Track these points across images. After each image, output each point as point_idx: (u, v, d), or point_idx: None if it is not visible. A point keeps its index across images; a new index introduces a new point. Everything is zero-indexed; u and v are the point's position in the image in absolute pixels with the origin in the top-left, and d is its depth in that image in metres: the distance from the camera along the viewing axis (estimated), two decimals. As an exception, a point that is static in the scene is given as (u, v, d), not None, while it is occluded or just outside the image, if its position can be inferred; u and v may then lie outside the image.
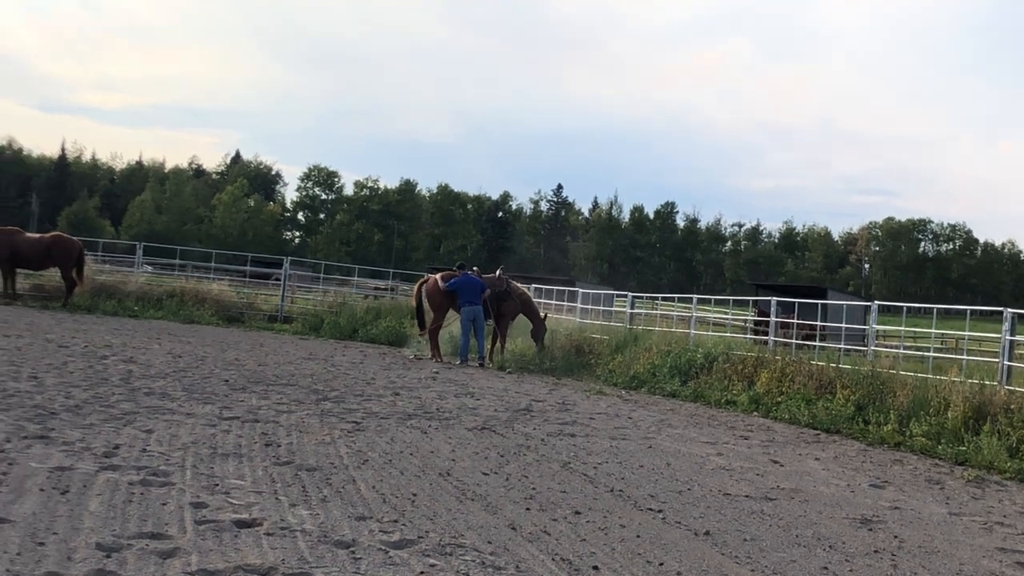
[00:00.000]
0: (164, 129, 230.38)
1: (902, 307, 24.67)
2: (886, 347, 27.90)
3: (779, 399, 18.01)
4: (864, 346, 21.78)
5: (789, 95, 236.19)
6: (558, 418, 15.13)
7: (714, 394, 19.37)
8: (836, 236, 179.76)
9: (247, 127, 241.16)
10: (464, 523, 7.93)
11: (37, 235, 31.42)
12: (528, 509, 8.68)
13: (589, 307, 30.97)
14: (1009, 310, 16.49)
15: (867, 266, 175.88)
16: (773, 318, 23.01)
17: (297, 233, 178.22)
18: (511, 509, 8.63)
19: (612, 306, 35.11)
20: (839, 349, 20.64)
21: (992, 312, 18.84)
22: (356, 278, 43.24)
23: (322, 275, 42.55)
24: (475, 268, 26.70)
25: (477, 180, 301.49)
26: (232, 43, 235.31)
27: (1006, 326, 16.34)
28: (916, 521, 9.64)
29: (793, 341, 22.16)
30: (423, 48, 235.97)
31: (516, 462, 10.97)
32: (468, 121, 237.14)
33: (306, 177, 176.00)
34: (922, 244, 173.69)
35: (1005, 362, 16.30)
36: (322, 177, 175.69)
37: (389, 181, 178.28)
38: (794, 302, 28.70)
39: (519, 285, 27.21)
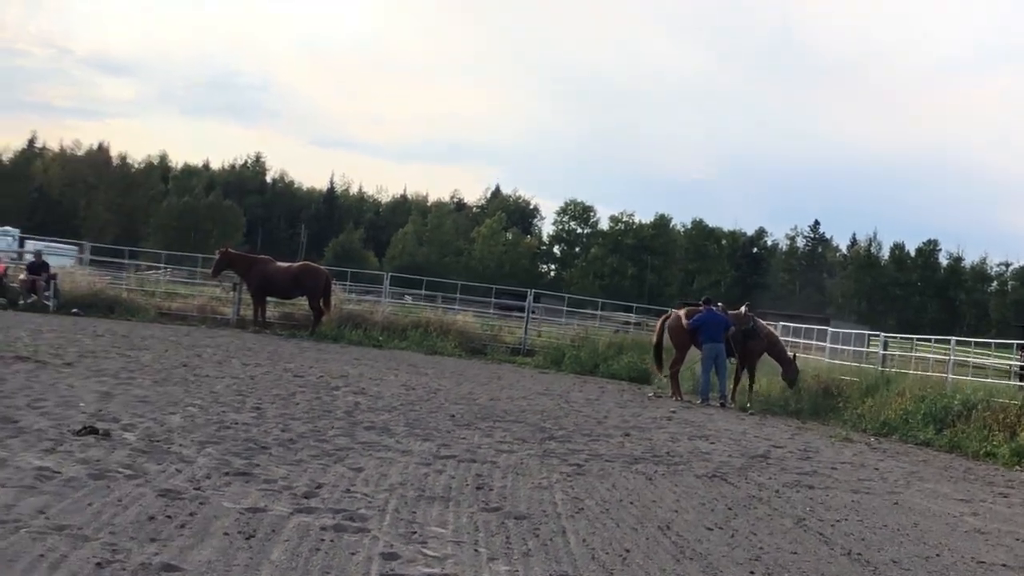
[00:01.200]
0: (428, 163, 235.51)
1: None
2: None
3: (1047, 451, 16.52)
4: None
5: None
6: (797, 467, 14.13)
7: (972, 444, 17.90)
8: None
9: (507, 161, 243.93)
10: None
11: (286, 264, 31.99)
12: (752, 573, 7.87)
13: (840, 347, 29.56)
14: None
15: None
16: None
17: (552, 266, 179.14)
18: (733, 572, 7.83)
19: (867, 346, 33.58)
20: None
21: None
22: (600, 312, 42.54)
23: (565, 308, 42.05)
24: (719, 304, 25.70)
25: (732, 215, 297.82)
26: (497, 80, 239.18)
27: None
28: None
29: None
30: (684, 84, 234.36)
31: (745, 516, 10.13)
32: (725, 156, 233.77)
33: (563, 211, 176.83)
34: None
35: None
36: (578, 211, 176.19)
37: (644, 216, 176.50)
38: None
39: (765, 324, 26.11)
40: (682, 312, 25.00)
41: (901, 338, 32.86)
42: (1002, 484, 14.50)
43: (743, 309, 25.38)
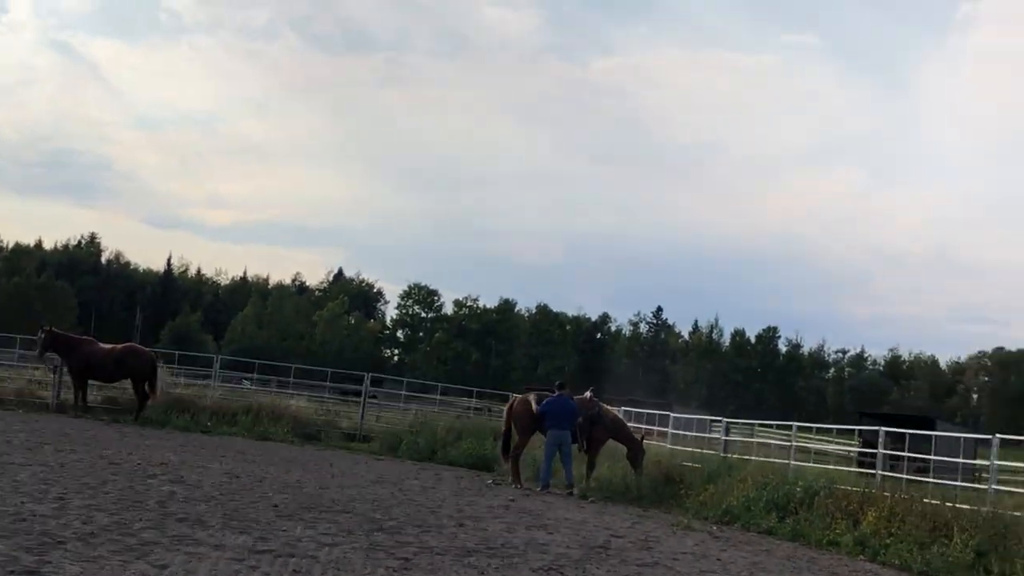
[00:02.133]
0: (269, 245, 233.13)
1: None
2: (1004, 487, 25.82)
3: (887, 541, 16.12)
4: (975, 483, 19.97)
5: (896, 222, 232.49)
6: (637, 558, 13.49)
7: (815, 533, 17.47)
8: (943, 365, 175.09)
9: (351, 245, 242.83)
10: None
11: (110, 346, 30.56)
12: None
13: (682, 432, 29.27)
14: None
15: (975, 396, 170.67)
16: (881, 450, 21.07)
17: (396, 350, 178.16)
18: None
19: (709, 431, 33.44)
20: (955, 486, 18.74)
21: None
22: (441, 396, 41.56)
23: (404, 392, 41.22)
24: (566, 389, 25.06)
25: (576, 301, 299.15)
26: (340, 163, 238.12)
27: None
28: None
29: (904, 476, 20.27)
30: (529, 170, 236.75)
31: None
32: (569, 242, 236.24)
33: (407, 295, 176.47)
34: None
35: None
36: (422, 295, 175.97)
37: (488, 300, 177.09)
38: (904, 432, 26.53)
39: (610, 409, 25.62)
40: (531, 397, 24.42)
41: (742, 423, 32.67)
42: (845, 574, 14.07)
43: (588, 394, 24.82)
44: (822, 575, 13.80)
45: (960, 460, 29.30)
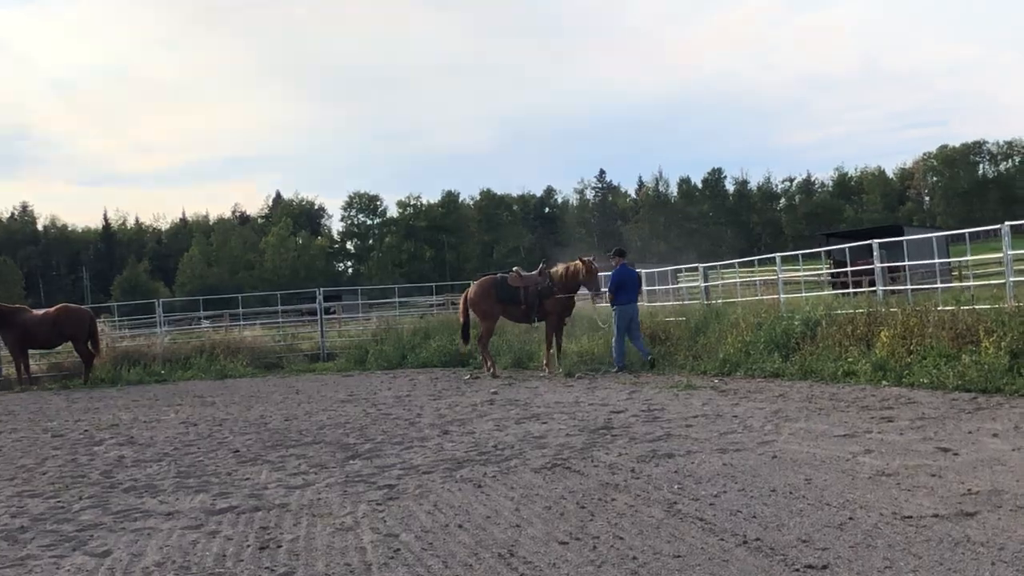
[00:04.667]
0: (204, 183, 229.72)
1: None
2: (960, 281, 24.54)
3: (908, 360, 14.75)
4: (955, 282, 18.72)
5: (824, 43, 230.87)
6: (647, 433, 12.00)
7: (827, 366, 16.11)
8: (891, 174, 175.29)
9: (284, 167, 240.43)
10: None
11: (42, 311, 28.68)
12: (632, 602, 5.68)
13: (655, 288, 27.80)
14: None
15: (928, 198, 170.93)
16: (878, 264, 19.59)
17: (349, 263, 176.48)
18: None
19: (675, 282, 32.08)
20: (937, 288, 17.39)
21: None
22: (400, 299, 39.83)
23: (360, 301, 39.57)
24: (515, 268, 23.45)
25: (520, 181, 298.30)
26: (257, 88, 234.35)
27: None
28: None
29: (887, 288, 18.92)
30: (445, 60, 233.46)
31: (604, 514, 7.93)
32: (503, 125, 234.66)
33: (348, 206, 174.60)
34: (980, 167, 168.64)
35: None
36: (364, 203, 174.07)
37: (431, 196, 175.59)
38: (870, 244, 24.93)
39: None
40: (489, 279, 22.94)
41: (721, 266, 31.16)
42: (878, 406, 12.62)
43: (540, 268, 23.12)
44: (853, 412, 12.34)
45: (936, 260, 28.14)
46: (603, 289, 22.39)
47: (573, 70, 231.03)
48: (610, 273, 21.82)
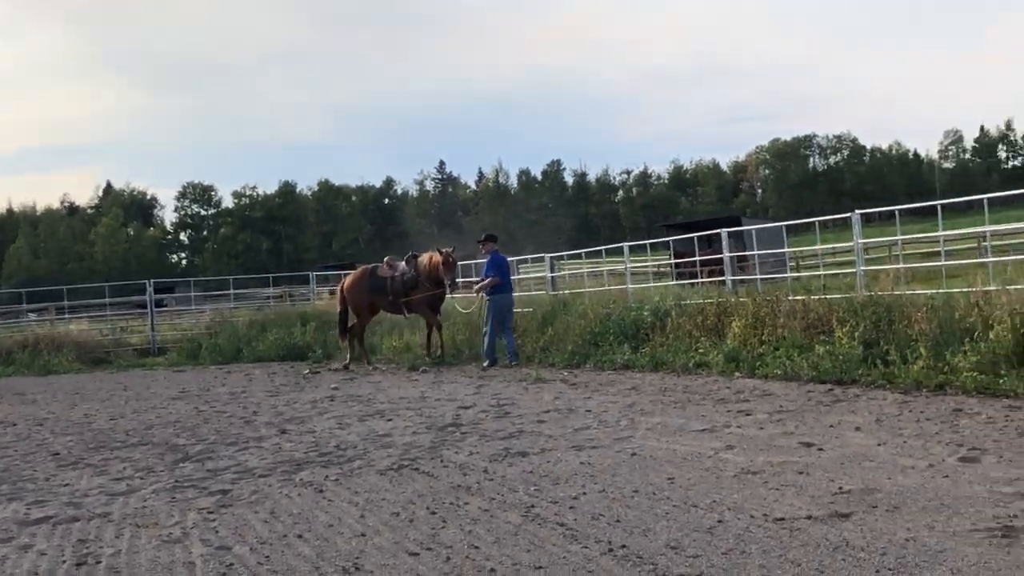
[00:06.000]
0: (31, 173, 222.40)
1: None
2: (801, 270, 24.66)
3: (760, 351, 14.48)
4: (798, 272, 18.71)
5: (659, 40, 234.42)
6: (498, 430, 11.43)
7: (678, 357, 15.76)
8: (725, 167, 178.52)
9: (116, 157, 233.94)
10: None
11: None
12: (492, 621, 5.13)
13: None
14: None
15: (760, 191, 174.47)
16: (727, 253, 19.34)
17: (183, 255, 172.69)
18: None
19: (517, 273, 31.68)
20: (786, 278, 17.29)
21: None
22: (235, 291, 38.58)
23: (193, 293, 38.35)
24: (387, 258, 22.65)
25: (358, 172, 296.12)
26: (89, 77, 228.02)
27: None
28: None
29: (735, 277, 18.76)
30: (281, 49, 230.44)
31: (457, 520, 7.35)
32: (340, 116, 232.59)
33: (182, 195, 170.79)
34: (811, 160, 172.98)
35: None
36: (198, 193, 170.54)
37: (268, 187, 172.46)
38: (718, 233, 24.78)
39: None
40: (369, 268, 22.21)
41: (568, 256, 30.72)
42: (734, 399, 12.25)
43: (385, 260, 22.36)
44: (709, 404, 11.96)
45: (785, 250, 28.34)
46: (458, 280, 21.64)
47: (413, 60, 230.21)
48: (484, 261, 20.84)
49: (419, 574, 6.10)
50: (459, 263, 21.66)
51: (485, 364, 19.41)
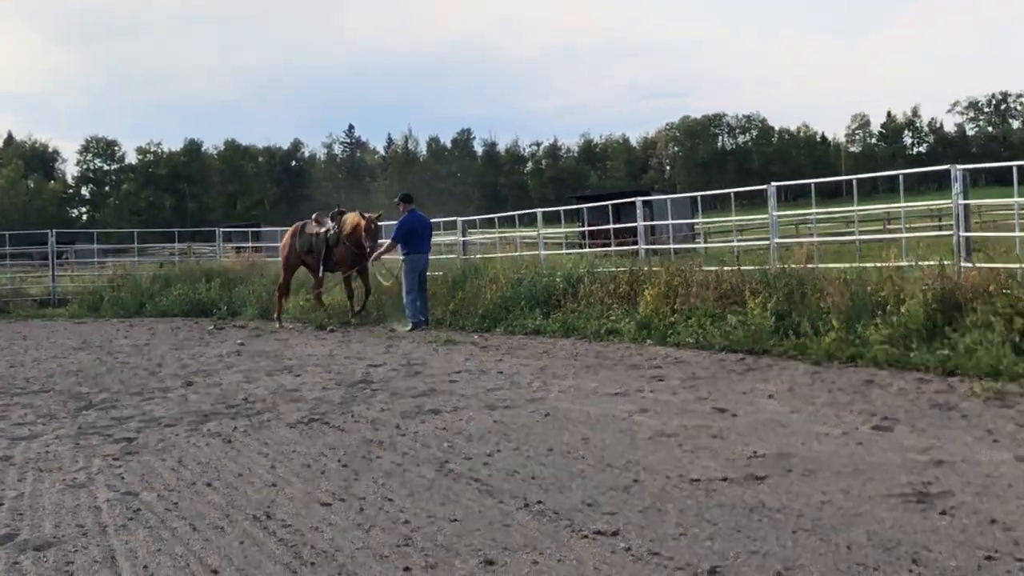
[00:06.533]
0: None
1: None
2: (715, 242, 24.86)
3: (672, 320, 14.50)
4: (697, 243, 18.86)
5: (569, 15, 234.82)
6: (409, 387, 11.34)
7: (590, 324, 15.71)
8: (635, 142, 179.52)
9: (18, 108, 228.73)
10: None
11: None
12: (408, 570, 5.09)
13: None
14: (957, 167, 13.20)
15: (669, 167, 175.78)
16: (641, 222, 19.40)
17: (84, 209, 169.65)
18: (378, 572, 5.11)
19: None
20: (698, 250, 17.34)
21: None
22: (139, 245, 37.79)
23: (96, 246, 37.66)
24: (316, 214, 21.96)
25: (266, 133, 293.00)
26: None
27: (957, 187, 13.11)
28: (988, 482, 6.32)
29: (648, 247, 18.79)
30: (195, 7, 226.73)
31: (369, 474, 7.28)
32: (249, 76, 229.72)
33: (85, 149, 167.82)
34: (720, 139, 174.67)
35: (962, 233, 13.04)
36: (101, 147, 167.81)
37: (173, 144, 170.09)
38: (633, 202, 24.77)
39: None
40: (313, 220, 21.63)
41: (481, 220, 30.52)
42: (646, 365, 12.27)
43: (332, 214, 21.60)
44: (621, 369, 11.98)
45: (698, 220, 28.53)
46: (381, 241, 20.54)
47: (325, 24, 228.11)
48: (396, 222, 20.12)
49: (332, 524, 6.02)
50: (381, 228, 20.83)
51: (408, 327, 18.76)
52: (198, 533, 5.94)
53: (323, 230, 20.95)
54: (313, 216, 21.93)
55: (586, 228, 24.46)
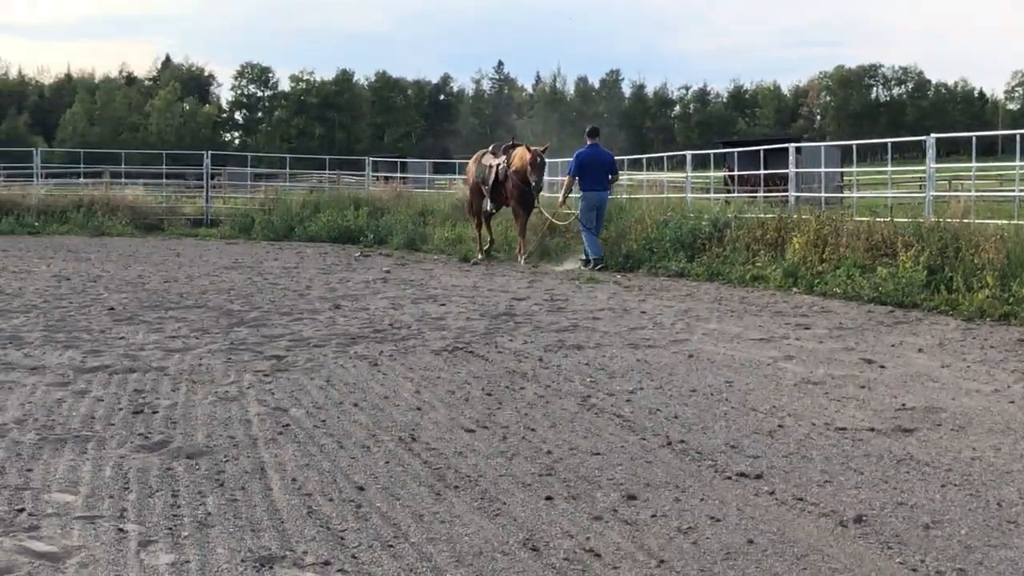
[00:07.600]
0: (91, 40, 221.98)
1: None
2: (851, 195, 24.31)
3: (820, 269, 14.30)
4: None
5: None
6: (552, 322, 11.40)
7: (735, 270, 15.62)
8: (785, 90, 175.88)
9: (176, 31, 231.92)
10: (446, 550, 4.41)
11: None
12: (550, 500, 5.09)
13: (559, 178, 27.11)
14: None
15: (819, 117, 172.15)
16: (793, 169, 19.09)
17: (236, 134, 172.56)
18: (522, 502, 5.14)
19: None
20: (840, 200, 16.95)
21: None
22: (290, 171, 38.52)
23: (250, 169, 38.39)
24: (492, 145, 21.68)
25: (415, 65, 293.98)
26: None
27: None
28: None
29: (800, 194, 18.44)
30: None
31: (512, 403, 7.34)
32: (405, 10, 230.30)
33: (239, 75, 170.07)
34: (874, 90, 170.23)
35: None
36: (256, 74, 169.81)
37: (325, 73, 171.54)
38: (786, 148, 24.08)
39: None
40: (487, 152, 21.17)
41: (628, 162, 30.33)
42: (792, 313, 12.15)
43: (505, 147, 21.00)
44: (767, 316, 11.87)
45: (852, 169, 28.01)
46: (543, 182, 20.00)
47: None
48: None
49: (476, 450, 6.09)
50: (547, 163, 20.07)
51: (588, 264, 18.25)
52: (345, 451, 6.05)
53: (496, 162, 20.35)
54: (491, 147, 21.50)
55: (736, 173, 24.05)
